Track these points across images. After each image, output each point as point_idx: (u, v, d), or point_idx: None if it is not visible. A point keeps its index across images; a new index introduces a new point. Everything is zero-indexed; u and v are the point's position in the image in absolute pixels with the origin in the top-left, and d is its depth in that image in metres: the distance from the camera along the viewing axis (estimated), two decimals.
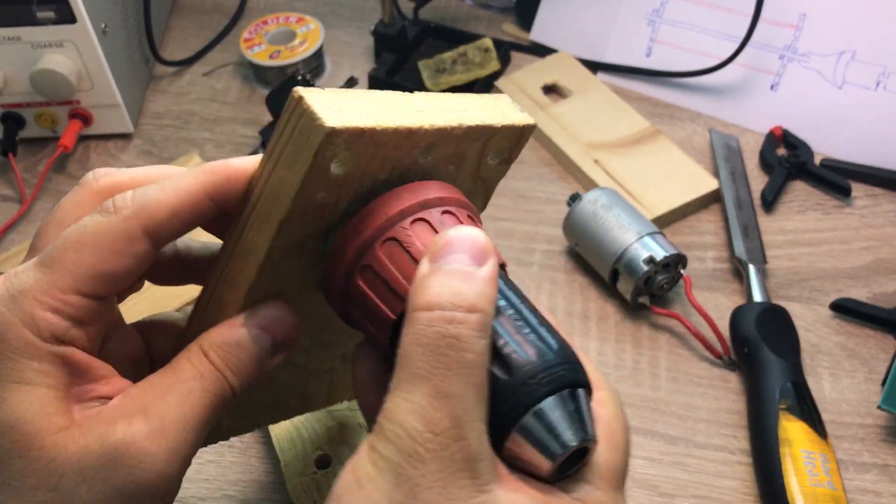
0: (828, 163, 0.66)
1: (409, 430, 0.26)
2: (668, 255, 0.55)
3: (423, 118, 0.31)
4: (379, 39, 0.76)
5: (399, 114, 0.30)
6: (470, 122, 0.32)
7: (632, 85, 0.74)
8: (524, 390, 0.27)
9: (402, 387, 0.27)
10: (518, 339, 0.28)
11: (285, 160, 0.29)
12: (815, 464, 0.47)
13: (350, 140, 0.28)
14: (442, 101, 0.33)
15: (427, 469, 0.26)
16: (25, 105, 0.68)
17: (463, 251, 0.29)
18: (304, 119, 0.28)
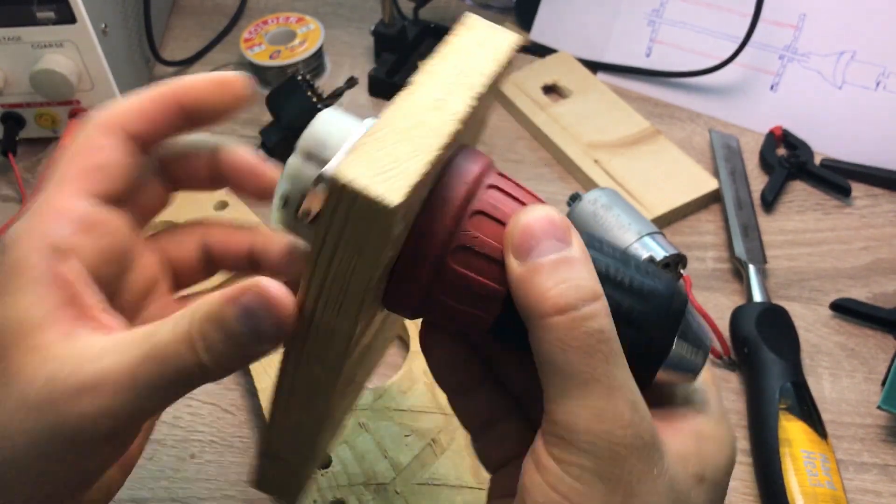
0: (828, 163, 0.66)
1: (601, 435, 0.27)
2: (668, 255, 0.55)
3: (447, 118, 0.28)
4: (379, 39, 0.76)
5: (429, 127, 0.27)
6: (480, 88, 0.30)
7: (632, 85, 0.74)
8: (674, 308, 0.29)
9: (570, 394, 0.27)
10: (632, 271, 0.30)
11: (349, 247, 0.26)
12: (815, 464, 0.47)
13: (409, 201, 0.25)
14: (439, 76, 0.30)
15: (630, 464, 0.27)
16: (25, 105, 0.68)
17: (547, 235, 0.28)
18: (361, 205, 0.25)
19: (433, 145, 0.27)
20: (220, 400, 0.53)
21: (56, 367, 0.28)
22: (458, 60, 0.31)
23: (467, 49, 0.31)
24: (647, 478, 0.27)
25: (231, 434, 0.51)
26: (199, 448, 0.50)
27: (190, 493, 0.48)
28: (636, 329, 0.29)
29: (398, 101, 0.28)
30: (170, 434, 0.51)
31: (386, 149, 0.26)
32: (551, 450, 0.27)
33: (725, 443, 0.31)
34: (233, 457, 0.50)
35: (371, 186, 0.24)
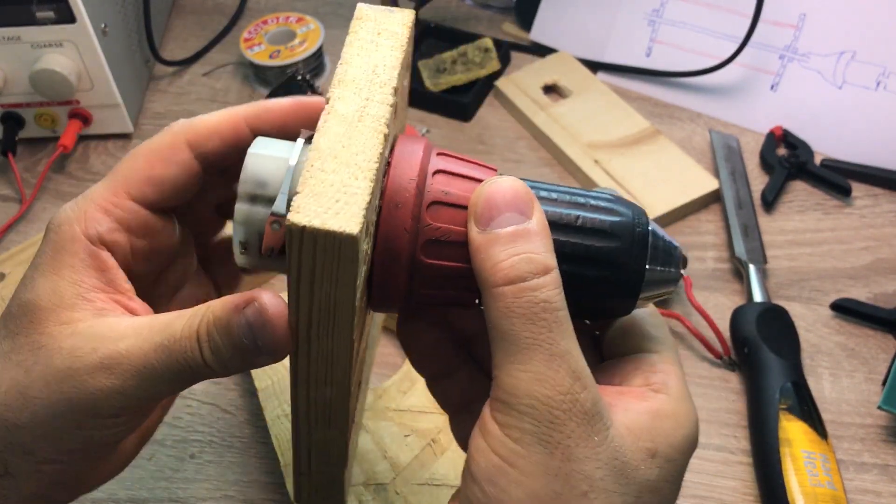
0: (828, 163, 0.66)
1: (540, 398, 0.28)
2: None
3: (373, 127, 0.29)
4: None
5: (358, 143, 0.28)
6: (393, 83, 0.31)
7: (632, 85, 0.74)
8: (640, 232, 0.31)
9: (513, 359, 0.28)
10: (592, 212, 0.31)
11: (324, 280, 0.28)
12: (815, 464, 0.47)
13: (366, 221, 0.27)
14: (351, 83, 0.31)
15: (569, 428, 0.28)
16: (25, 105, 0.68)
17: (508, 207, 0.29)
18: (323, 242, 0.26)
19: (370, 160, 0.28)
20: (220, 400, 0.53)
21: (80, 343, 0.31)
22: (363, 61, 0.32)
23: (368, 44, 0.32)
24: (585, 443, 0.28)
25: (230, 434, 0.51)
26: (199, 448, 0.50)
27: (189, 493, 0.48)
28: (609, 265, 0.31)
29: (323, 122, 0.29)
30: (169, 434, 0.51)
31: (328, 179, 0.27)
32: (495, 414, 0.29)
33: (684, 422, 0.31)
34: (232, 457, 0.50)
35: (328, 222, 0.26)
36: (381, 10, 0.33)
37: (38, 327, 0.32)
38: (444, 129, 0.71)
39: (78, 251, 0.33)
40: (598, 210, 0.31)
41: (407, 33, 0.33)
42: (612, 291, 0.31)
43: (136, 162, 0.34)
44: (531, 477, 0.28)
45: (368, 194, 0.27)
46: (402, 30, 0.33)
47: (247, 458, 0.50)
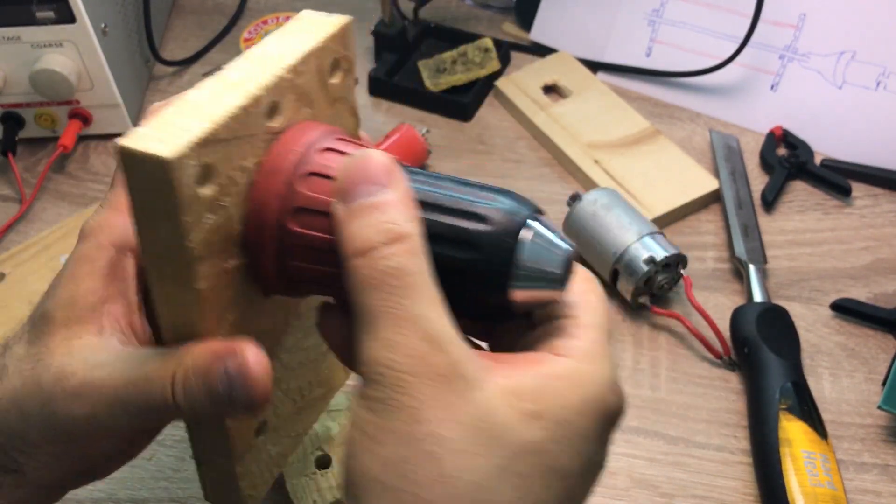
0: (828, 163, 0.66)
1: (388, 364, 0.27)
2: (669, 256, 0.55)
3: (248, 88, 0.30)
4: (379, 39, 0.76)
5: (224, 99, 0.29)
6: (291, 62, 0.31)
7: (632, 85, 0.74)
8: (514, 220, 0.29)
9: (366, 329, 0.27)
10: (475, 198, 0.29)
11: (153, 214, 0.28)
12: (815, 464, 0.47)
13: (195, 154, 0.27)
14: (253, 59, 0.31)
15: (418, 391, 0.26)
16: (25, 105, 0.68)
17: (367, 181, 0.28)
18: (141, 166, 0.27)
19: (223, 110, 0.28)
20: None
21: (67, 363, 0.32)
22: (275, 46, 0.32)
23: (289, 35, 0.33)
24: (439, 405, 0.26)
25: None
26: None
27: (190, 493, 0.48)
28: (476, 250, 0.29)
29: (205, 80, 0.30)
30: (169, 434, 0.51)
31: (175, 121, 0.28)
32: (360, 388, 0.28)
33: (584, 383, 0.29)
34: None
35: (149, 146, 0.27)
36: (318, 15, 0.34)
37: (45, 339, 0.33)
38: (444, 129, 0.71)
39: (100, 258, 0.34)
40: (477, 196, 0.30)
41: (331, 31, 0.33)
42: (479, 279, 0.29)
43: None
44: (381, 444, 0.27)
45: (203, 133, 0.27)
46: (329, 28, 0.33)
47: None
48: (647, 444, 0.51)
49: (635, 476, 0.49)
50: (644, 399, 0.53)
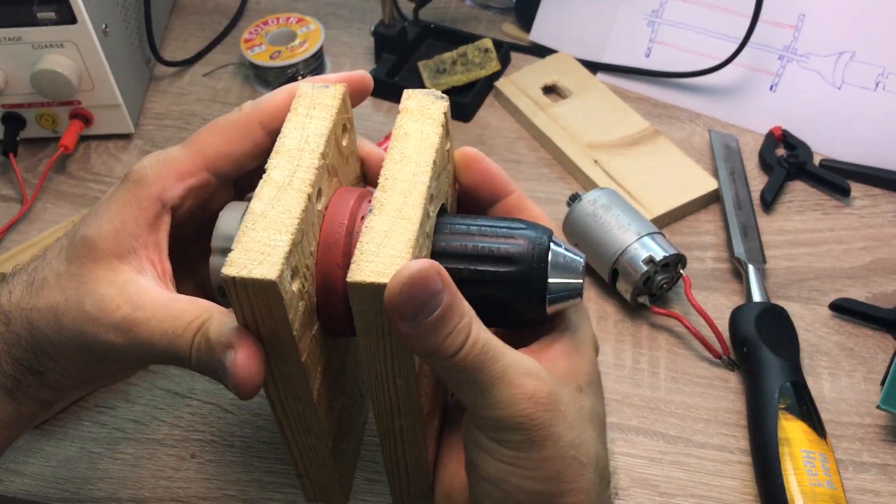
0: (827, 163, 0.66)
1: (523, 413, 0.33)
2: (668, 255, 0.55)
3: (299, 188, 0.35)
4: (379, 40, 0.76)
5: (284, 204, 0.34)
6: (320, 149, 0.36)
7: (631, 85, 0.74)
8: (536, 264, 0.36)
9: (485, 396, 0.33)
10: (496, 242, 0.36)
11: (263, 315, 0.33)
12: (814, 463, 0.47)
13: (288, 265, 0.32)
14: (286, 154, 0.36)
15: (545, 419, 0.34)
16: (26, 105, 0.68)
17: (424, 294, 0.31)
18: (253, 288, 0.32)
19: (292, 217, 0.33)
20: (221, 399, 0.53)
21: (110, 295, 0.36)
22: (297, 133, 0.37)
23: (303, 118, 0.38)
24: (559, 420, 0.34)
25: (231, 433, 0.51)
26: (200, 447, 0.51)
27: (190, 493, 0.49)
28: (516, 285, 0.36)
29: (259, 188, 0.35)
30: (170, 434, 0.51)
31: (257, 237, 0.33)
32: (487, 434, 0.34)
33: (585, 350, 0.38)
34: (233, 456, 0.50)
35: (253, 272, 0.32)
36: (316, 87, 0.39)
37: (90, 264, 0.36)
38: None
39: (148, 208, 0.37)
40: (501, 239, 0.36)
41: (338, 104, 0.38)
42: (521, 306, 0.37)
43: (215, 136, 0.39)
44: (538, 468, 0.34)
45: (288, 245, 0.33)
46: (333, 101, 0.38)
47: (247, 458, 0.50)
48: (647, 444, 0.51)
49: (635, 475, 0.49)
50: (643, 398, 0.53)
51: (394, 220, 0.34)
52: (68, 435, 0.51)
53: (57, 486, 0.49)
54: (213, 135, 0.39)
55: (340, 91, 0.39)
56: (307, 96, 0.38)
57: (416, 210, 0.34)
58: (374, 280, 0.32)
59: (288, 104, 0.38)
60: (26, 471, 0.50)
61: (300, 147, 0.36)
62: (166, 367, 0.54)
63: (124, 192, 0.38)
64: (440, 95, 0.40)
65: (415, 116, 0.38)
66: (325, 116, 0.38)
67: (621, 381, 0.54)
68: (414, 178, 0.36)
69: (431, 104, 0.39)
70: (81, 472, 0.50)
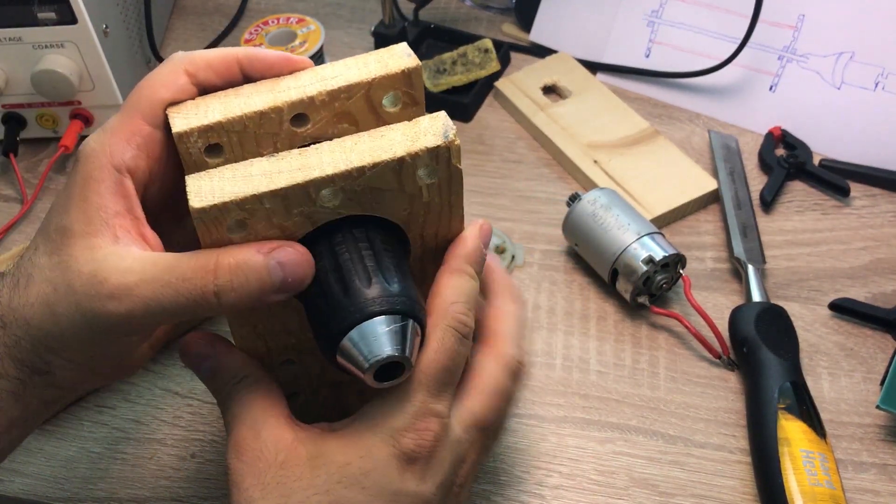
0: (826, 163, 0.66)
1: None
2: (668, 255, 0.55)
3: (279, 96, 0.37)
4: (379, 40, 0.76)
5: (254, 99, 0.37)
6: (332, 87, 0.37)
7: (631, 85, 0.74)
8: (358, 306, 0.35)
9: None
10: (361, 275, 0.36)
11: None
12: (814, 463, 0.47)
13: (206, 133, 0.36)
14: (317, 75, 0.39)
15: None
16: (27, 105, 0.68)
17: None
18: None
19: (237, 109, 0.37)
20: None
21: (98, 269, 0.36)
22: (339, 69, 0.39)
23: (359, 61, 0.40)
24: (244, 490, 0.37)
25: None
26: (200, 447, 0.51)
27: (191, 493, 0.49)
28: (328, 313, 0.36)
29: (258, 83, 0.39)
30: (170, 434, 0.51)
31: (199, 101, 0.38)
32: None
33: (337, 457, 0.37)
34: None
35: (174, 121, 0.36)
36: (404, 52, 0.39)
37: (68, 249, 0.36)
38: None
39: (105, 179, 0.37)
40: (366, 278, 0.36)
41: (395, 70, 0.38)
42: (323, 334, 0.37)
43: (142, 90, 0.39)
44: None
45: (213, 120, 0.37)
46: (395, 66, 0.38)
47: None
48: (647, 444, 0.51)
49: (635, 475, 0.49)
50: (643, 398, 0.53)
51: (266, 173, 0.35)
52: (68, 435, 0.51)
53: (57, 486, 0.49)
54: (141, 89, 0.39)
55: (409, 63, 0.38)
56: (392, 52, 0.39)
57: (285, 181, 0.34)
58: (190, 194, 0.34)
59: (216, 63, 0.39)
60: (26, 470, 0.50)
61: (326, 77, 0.38)
62: (166, 367, 0.54)
63: (77, 173, 0.38)
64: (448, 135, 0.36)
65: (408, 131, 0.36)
66: (373, 72, 0.38)
67: (621, 381, 0.54)
68: (327, 164, 0.35)
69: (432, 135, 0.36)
70: (81, 472, 0.50)
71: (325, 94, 0.38)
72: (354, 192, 0.36)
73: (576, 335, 0.56)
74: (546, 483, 0.49)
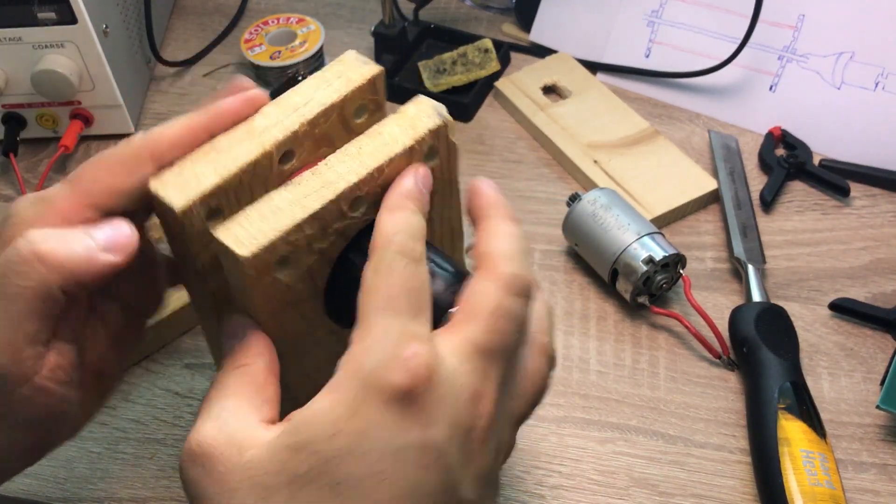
0: (826, 163, 0.66)
1: None
2: (668, 255, 0.55)
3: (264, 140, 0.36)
4: (379, 40, 0.76)
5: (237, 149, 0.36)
6: (309, 115, 0.37)
7: (631, 85, 0.74)
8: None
9: None
10: None
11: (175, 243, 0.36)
12: (814, 463, 0.47)
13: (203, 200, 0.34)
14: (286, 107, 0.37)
15: None
16: (27, 105, 0.68)
17: None
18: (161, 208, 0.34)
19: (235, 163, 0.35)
20: None
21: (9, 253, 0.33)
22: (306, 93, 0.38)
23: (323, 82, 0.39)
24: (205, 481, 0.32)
25: None
26: None
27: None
28: None
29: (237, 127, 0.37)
30: (170, 434, 0.51)
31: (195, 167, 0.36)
32: None
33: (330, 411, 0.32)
34: None
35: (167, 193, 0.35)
36: (358, 60, 0.39)
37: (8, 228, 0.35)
38: None
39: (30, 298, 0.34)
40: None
41: (361, 82, 0.38)
42: None
43: (98, 171, 0.36)
44: None
45: (211, 186, 0.35)
46: (359, 79, 0.38)
47: None
48: (647, 444, 0.51)
49: (634, 475, 0.49)
50: (643, 398, 0.53)
51: (294, 201, 0.34)
52: None
53: (57, 486, 0.49)
54: (96, 169, 0.36)
55: (373, 71, 0.39)
56: (344, 63, 0.39)
57: (318, 202, 0.34)
58: (232, 246, 0.33)
59: (181, 137, 0.36)
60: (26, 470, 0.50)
61: (297, 106, 0.37)
62: (166, 367, 0.54)
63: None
64: (442, 114, 0.38)
65: (401, 121, 0.37)
66: (341, 89, 0.38)
67: (621, 380, 0.54)
68: (346, 174, 0.35)
69: (427, 117, 0.38)
70: (81, 471, 0.50)
71: (307, 123, 0.37)
72: (377, 193, 0.36)
73: (576, 335, 0.56)
74: (546, 483, 0.49)
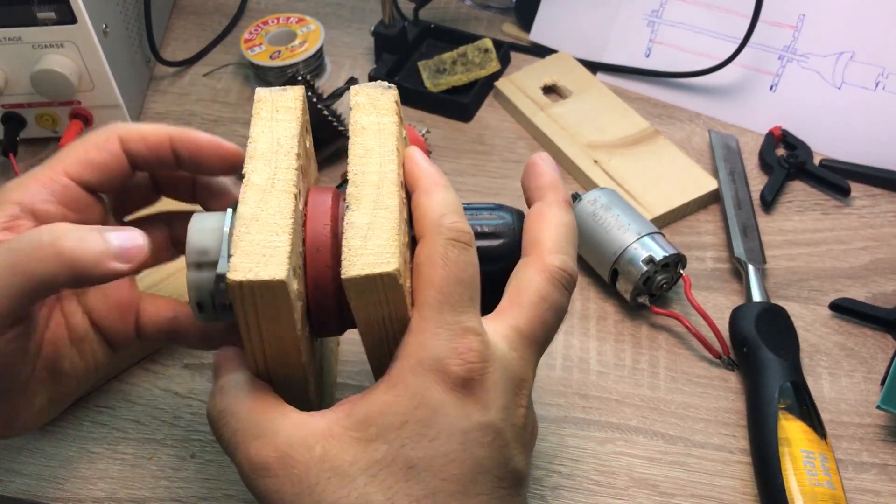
0: (827, 163, 0.66)
1: None
2: (668, 255, 0.55)
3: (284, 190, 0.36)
4: (379, 40, 0.76)
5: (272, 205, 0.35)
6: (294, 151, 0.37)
7: (631, 85, 0.74)
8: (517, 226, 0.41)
9: None
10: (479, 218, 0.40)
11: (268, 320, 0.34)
12: (814, 463, 0.47)
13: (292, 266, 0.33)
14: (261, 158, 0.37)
15: None
16: (26, 105, 0.68)
17: None
18: (260, 291, 0.32)
19: (285, 218, 0.34)
20: None
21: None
22: (267, 136, 0.38)
23: (269, 121, 0.39)
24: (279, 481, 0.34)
25: None
26: (200, 448, 0.51)
27: (190, 493, 0.49)
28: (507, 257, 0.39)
29: (242, 193, 0.35)
30: (170, 434, 0.51)
31: (254, 239, 0.33)
32: None
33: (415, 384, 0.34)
34: None
35: (260, 273, 0.32)
36: (275, 91, 0.40)
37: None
38: (444, 130, 0.71)
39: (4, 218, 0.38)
40: (481, 216, 0.40)
41: (300, 106, 0.39)
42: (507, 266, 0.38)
43: (74, 148, 0.41)
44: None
45: (289, 245, 0.33)
46: (296, 104, 0.39)
47: None
48: (647, 444, 0.51)
49: (635, 475, 0.49)
50: (643, 398, 0.53)
51: (372, 211, 0.34)
52: (68, 435, 0.51)
53: (57, 486, 0.49)
54: (72, 147, 0.41)
55: (300, 93, 0.40)
56: (267, 100, 0.39)
57: (392, 198, 0.35)
58: (369, 272, 0.32)
59: (150, 136, 0.41)
60: (26, 470, 0.50)
61: (273, 150, 0.37)
62: (166, 367, 0.54)
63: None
64: (388, 86, 0.40)
65: (367, 110, 0.39)
66: (291, 118, 0.39)
67: (621, 380, 0.54)
68: (381, 168, 0.36)
69: (381, 95, 0.39)
70: (81, 472, 0.50)
71: (297, 159, 0.37)
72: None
73: (576, 335, 0.56)
74: (546, 483, 0.49)
